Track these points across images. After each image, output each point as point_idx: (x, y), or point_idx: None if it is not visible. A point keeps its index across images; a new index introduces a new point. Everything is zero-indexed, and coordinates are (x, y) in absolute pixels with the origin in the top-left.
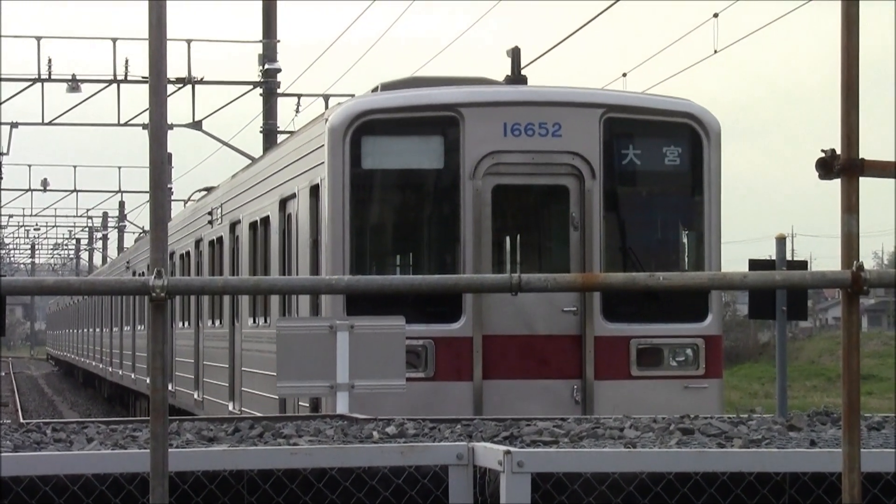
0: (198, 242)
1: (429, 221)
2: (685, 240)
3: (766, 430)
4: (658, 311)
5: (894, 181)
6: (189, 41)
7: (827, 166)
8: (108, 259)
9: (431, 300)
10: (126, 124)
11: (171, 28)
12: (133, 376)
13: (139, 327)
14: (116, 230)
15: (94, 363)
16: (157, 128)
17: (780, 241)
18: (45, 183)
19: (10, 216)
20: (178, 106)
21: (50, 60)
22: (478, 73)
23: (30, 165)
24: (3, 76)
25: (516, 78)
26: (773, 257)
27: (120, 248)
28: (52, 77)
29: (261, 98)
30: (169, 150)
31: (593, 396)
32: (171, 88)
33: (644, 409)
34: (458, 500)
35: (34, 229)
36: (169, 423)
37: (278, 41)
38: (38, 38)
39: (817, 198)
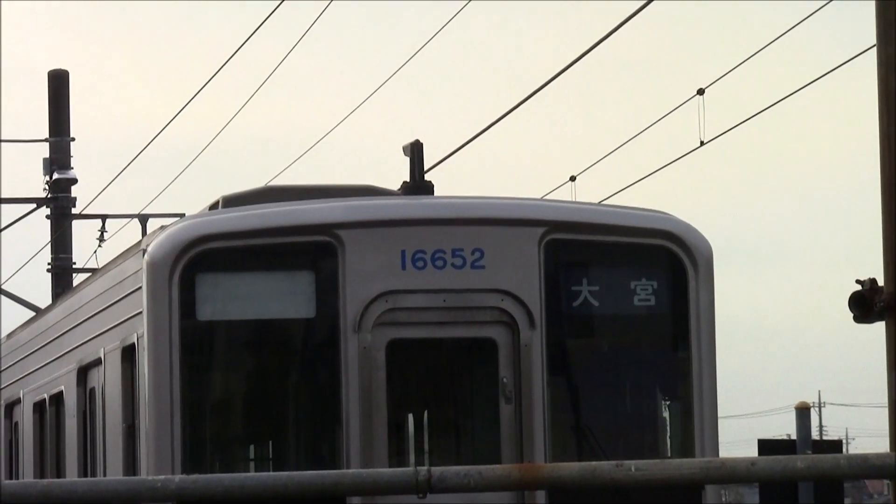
0: None
1: (296, 394)
2: (666, 413)
3: None
4: None
5: None
6: None
7: (865, 304)
8: None
9: None
10: None
11: None
12: None
13: None
14: None
15: None
16: None
17: (803, 412)
18: None
19: None
20: None
21: None
22: (361, 181)
23: None
24: None
25: (418, 185)
26: (793, 436)
27: None
28: None
29: (48, 221)
30: None
31: None
32: None
33: None
34: None
35: None
36: None
37: (72, 139)
38: None
39: (854, 348)
